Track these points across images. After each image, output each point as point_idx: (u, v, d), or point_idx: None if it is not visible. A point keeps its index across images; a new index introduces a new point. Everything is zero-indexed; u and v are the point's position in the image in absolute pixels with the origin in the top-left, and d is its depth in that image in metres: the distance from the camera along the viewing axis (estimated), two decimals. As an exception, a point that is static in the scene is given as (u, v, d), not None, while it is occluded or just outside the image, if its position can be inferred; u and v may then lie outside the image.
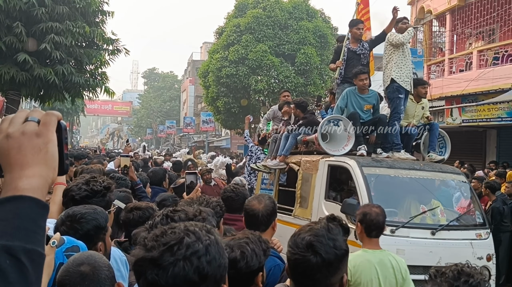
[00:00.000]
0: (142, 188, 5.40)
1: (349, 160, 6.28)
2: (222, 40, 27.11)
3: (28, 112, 1.06)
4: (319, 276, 1.85)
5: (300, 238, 1.90)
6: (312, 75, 25.99)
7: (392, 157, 6.83)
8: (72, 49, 13.83)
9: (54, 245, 1.60)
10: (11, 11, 12.54)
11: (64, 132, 1.09)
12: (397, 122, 7.01)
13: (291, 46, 25.95)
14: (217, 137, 48.11)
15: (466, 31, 18.23)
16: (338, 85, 7.75)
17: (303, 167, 7.05)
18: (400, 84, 7.05)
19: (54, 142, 1.05)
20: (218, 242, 1.30)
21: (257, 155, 9.52)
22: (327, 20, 29.40)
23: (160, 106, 69.47)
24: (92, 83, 14.94)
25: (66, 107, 36.73)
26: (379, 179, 6.09)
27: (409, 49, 7.48)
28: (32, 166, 1.01)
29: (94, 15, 14.97)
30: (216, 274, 1.26)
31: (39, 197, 0.99)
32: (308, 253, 1.85)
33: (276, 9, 26.36)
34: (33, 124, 1.04)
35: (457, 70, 17.72)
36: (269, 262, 2.97)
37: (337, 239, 1.89)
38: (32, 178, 1.00)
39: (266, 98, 26.94)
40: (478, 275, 1.90)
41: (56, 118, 1.08)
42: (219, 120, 30.81)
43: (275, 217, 3.29)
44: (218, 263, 1.26)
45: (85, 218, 2.35)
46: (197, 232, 1.28)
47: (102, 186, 2.89)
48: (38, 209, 0.98)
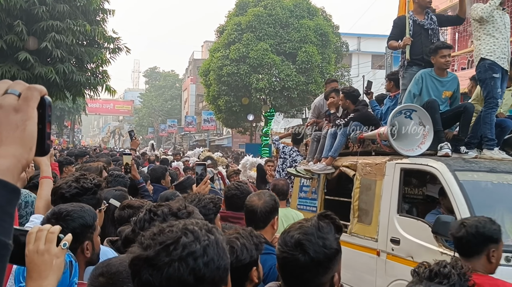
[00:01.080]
0: (145, 186, 5.35)
1: (434, 162, 4.86)
2: (223, 39, 27.09)
3: (10, 84, 0.97)
4: (307, 275, 1.81)
5: (289, 236, 1.86)
6: (313, 74, 25.96)
7: (482, 157, 5.33)
8: (73, 47, 13.80)
9: (65, 247, 1.57)
10: (12, 9, 12.51)
11: (48, 109, 1.01)
12: (493, 111, 5.48)
13: (292, 44, 25.92)
14: (218, 136, 48.14)
15: (468, 29, 18.17)
16: (405, 68, 6.05)
17: (361, 172, 5.62)
18: (494, 61, 5.54)
19: (34, 120, 0.95)
20: (218, 242, 1.24)
21: (293, 157, 8.23)
22: (328, 19, 29.38)
23: (161, 105, 69.51)
24: (93, 82, 14.93)
25: (67, 106, 36.75)
26: (478, 187, 4.72)
27: (506, 19, 5.73)
28: (5, 144, 0.91)
29: (95, 14, 14.96)
30: (214, 276, 1.21)
31: (8, 179, 0.88)
32: (297, 252, 1.80)
33: (277, 7, 26.33)
34: (13, 97, 0.94)
35: (458, 68, 17.68)
36: (270, 260, 2.95)
37: (327, 238, 1.84)
38: (3, 157, 0.89)
39: (267, 97, 26.93)
40: (455, 277, 1.85)
41: (39, 93, 0.98)
42: (220, 119, 30.83)
43: (276, 215, 3.24)
44: (216, 264, 1.21)
45: (71, 215, 2.28)
46: (195, 231, 1.23)
47: (93, 183, 2.83)
48: (6, 193, 0.87)
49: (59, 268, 1.54)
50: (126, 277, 1.68)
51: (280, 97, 26.58)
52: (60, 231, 1.58)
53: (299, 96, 26.38)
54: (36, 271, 1.48)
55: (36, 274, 1.47)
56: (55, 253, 1.51)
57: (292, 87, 25.59)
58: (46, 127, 1.00)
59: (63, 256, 1.58)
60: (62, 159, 6.80)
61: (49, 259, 1.48)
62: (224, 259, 1.24)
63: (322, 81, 26.27)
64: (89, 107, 46.55)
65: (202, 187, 3.72)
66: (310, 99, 27.49)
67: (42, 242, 1.50)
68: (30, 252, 1.49)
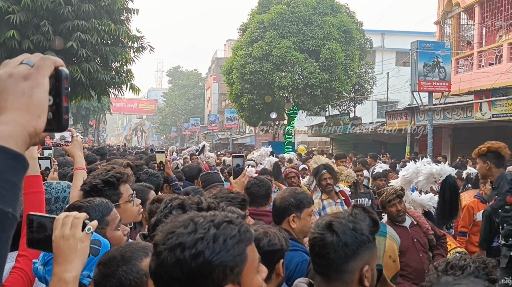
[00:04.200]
0: (177, 184, 5.45)
1: None
2: (246, 37, 27.06)
3: (27, 55, 0.96)
4: (333, 256, 1.79)
5: (322, 219, 1.90)
6: (337, 71, 25.73)
7: None
8: (97, 47, 13.95)
9: (89, 231, 1.62)
10: (38, 9, 12.71)
11: (65, 82, 0.96)
12: None
13: (316, 41, 25.73)
14: (241, 134, 48.17)
15: (496, 23, 17.79)
16: None
17: None
18: None
19: (44, 88, 0.92)
20: (217, 237, 1.17)
21: None
22: (352, 15, 29.12)
23: (184, 104, 69.98)
24: (118, 81, 15.07)
25: (92, 106, 37.26)
26: None
27: None
28: (10, 110, 0.88)
29: (119, 13, 15.08)
30: (206, 272, 1.15)
31: (11, 145, 0.84)
32: (326, 232, 1.82)
33: (300, 5, 26.19)
34: (25, 67, 0.92)
35: (486, 64, 17.33)
36: (297, 256, 2.92)
37: (359, 222, 1.83)
38: (5, 124, 0.86)
39: (290, 95, 26.80)
40: (470, 269, 1.79)
41: (53, 63, 0.95)
42: (243, 117, 30.82)
43: (293, 212, 3.19)
44: (207, 259, 1.14)
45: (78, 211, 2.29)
46: (198, 223, 1.20)
47: (116, 177, 2.83)
48: (6, 159, 0.82)
49: (83, 252, 1.58)
50: (120, 260, 1.73)
51: (303, 95, 26.43)
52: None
53: (323, 94, 26.18)
54: (62, 255, 1.54)
55: (62, 258, 1.53)
56: (80, 237, 1.56)
57: (316, 84, 25.41)
58: (63, 101, 0.96)
59: (88, 240, 1.62)
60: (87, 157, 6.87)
61: (74, 243, 1.54)
62: (221, 256, 1.16)
63: (345, 78, 26.09)
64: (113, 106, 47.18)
65: (242, 180, 3.67)
66: (334, 97, 27.32)
67: (68, 227, 1.56)
68: (56, 237, 1.56)
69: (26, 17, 12.51)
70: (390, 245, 2.63)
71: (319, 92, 25.83)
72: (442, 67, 16.18)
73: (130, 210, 2.88)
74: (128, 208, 2.87)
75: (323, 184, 5.81)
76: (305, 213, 3.23)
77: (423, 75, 15.98)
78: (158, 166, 5.40)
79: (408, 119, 19.18)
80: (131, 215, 2.88)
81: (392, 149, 21.25)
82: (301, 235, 3.22)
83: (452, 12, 20.05)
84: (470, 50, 18.80)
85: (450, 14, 20.15)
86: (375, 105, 35.72)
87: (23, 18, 12.42)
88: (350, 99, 29.67)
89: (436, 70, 16.11)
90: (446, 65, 16.30)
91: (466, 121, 16.12)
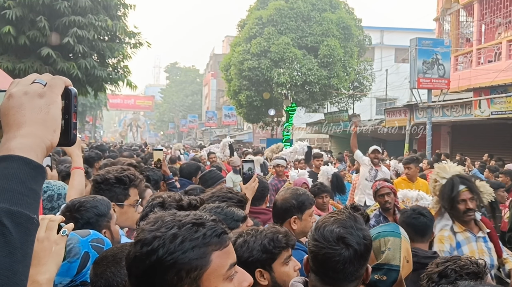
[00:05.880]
0: (173, 182, 5.41)
1: None
2: (244, 33, 26.95)
3: (38, 75, 1.03)
4: (351, 269, 1.76)
5: (328, 231, 1.79)
6: (335, 68, 25.64)
7: None
8: (94, 43, 13.87)
9: (64, 234, 1.63)
10: (35, 5, 12.61)
11: (74, 100, 1.04)
12: None
13: (314, 38, 25.63)
14: (239, 131, 48.11)
15: (495, 21, 17.73)
16: None
17: None
18: None
19: (57, 105, 1.00)
20: (175, 237, 1.15)
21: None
22: (351, 12, 29.01)
23: (182, 100, 69.89)
24: (115, 77, 15.01)
25: (89, 102, 37.15)
26: None
27: None
28: (29, 125, 0.95)
29: (116, 9, 15.01)
30: (156, 271, 1.14)
31: (31, 157, 0.92)
32: (339, 246, 1.75)
33: (298, 1, 26.08)
34: (39, 86, 1.00)
35: (485, 61, 17.28)
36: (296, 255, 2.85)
37: (364, 229, 1.83)
38: (26, 137, 0.93)
39: (289, 91, 26.72)
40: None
41: (63, 83, 1.03)
42: (241, 114, 30.72)
43: (295, 214, 3.14)
44: (160, 258, 1.13)
45: (84, 206, 2.31)
46: (165, 221, 1.20)
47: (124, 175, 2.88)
48: (29, 170, 0.90)
49: (58, 255, 1.57)
50: (110, 261, 1.75)
51: (301, 92, 26.34)
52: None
53: (321, 90, 26.10)
54: (35, 257, 1.50)
55: (35, 260, 1.50)
56: (54, 240, 1.55)
57: (314, 81, 25.32)
58: (72, 117, 1.04)
59: (63, 243, 1.62)
60: (94, 154, 6.77)
61: (48, 245, 1.53)
62: (175, 256, 1.14)
63: (344, 75, 25.99)
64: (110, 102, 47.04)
65: (252, 185, 3.60)
66: (332, 94, 27.24)
67: (42, 230, 1.54)
68: None
69: (22, 12, 12.42)
70: (405, 246, 2.61)
71: (317, 89, 25.74)
72: (441, 64, 16.12)
73: (131, 215, 2.87)
74: (130, 212, 2.87)
75: (460, 208, 3.76)
76: (306, 214, 3.19)
77: (422, 72, 15.93)
78: (155, 163, 5.35)
79: (407, 116, 19.14)
80: (130, 219, 2.86)
81: (391, 146, 21.21)
82: (301, 235, 3.18)
83: (451, 9, 19.98)
84: (469, 48, 18.75)
85: (449, 11, 20.08)
86: (374, 103, 35.69)
87: (19, 13, 12.33)
88: (348, 96, 29.61)
89: (435, 67, 16.05)
90: (445, 62, 16.25)
91: (465, 119, 16.10)
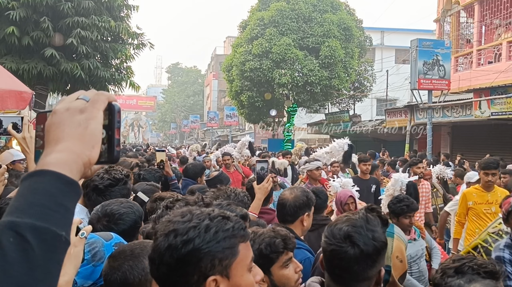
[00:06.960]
0: (176, 183, 5.39)
1: None
2: (246, 34, 27.03)
3: (82, 92, 1.02)
4: (356, 268, 1.76)
5: (337, 228, 1.81)
6: (336, 69, 25.73)
7: None
8: (97, 43, 13.94)
9: (83, 236, 1.64)
10: (38, 6, 12.69)
11: (117, 115, 1.00)
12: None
13: (315, 39, 25.72)
14: (240, 131, 48.16)
15: (495, 22, 17.79)
16: None
17: None
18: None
19: (98, 120, 0.97)
20: (210, 228, 1.23)
21: None
22: (352, 13, 29.08)
23: (183, 101, 69.93)
24: (118, 78, 15.06)
25: (92, 102, 37.26)
26: None
27: None
28: (66, 140, 0.93)
29: (119, 10, 15.07)
30: (194, 259, 1.20)
31: (65, 172, 0.88)
32: (346, 244, 1.76)
33: (300, 2, 26.16)
34: (82, 102, 0.98)
35: (485, 62, 17.34)
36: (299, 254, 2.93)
37: (376, 230, 1.81)
38: (61, 152, 0.91)
39: (290, 92, 26.79)
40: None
41: (107, 99, 1.00)
42: (243, 115, 30.81)
43: (306, 211, 3.21)
44: (196, 246, 1.20)
45: (123, 219, 2.34)
46: (196, 214, 1.27)
47: (123, 174, 2.91)
48: (61, 185, 0.86)
49: (76, 257, 1.58)
50: (128, 255, 1.77)
51: (303, 93, 26.43)
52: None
53: (322, 91, 26.18)
54: None
55: None
56: (73, 242, 1.53)
57: (315, 82, 25.40)
58: (115, 134, 1.00)
59: (81, 245, 1.64)
60: None
61: None
62: (210, 245, 1.21)
63: (345, 76, 26.07)
64: (113, 103, 46.96)
65: (266, 186, 3.61)
66: (333, 95, 27.31)
67: None
68: None
69: (25, 13, 12.49)
70: (397, 245, 2.59)
71: (318, 89, 25.82)
72: (442, 65, 16.19)
73: None
74: None
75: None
76: (312, 210, 3.30)
77: (423, 73, 16.00)
78: (158, 164, 5.32)
79: (407, 117, 19.20)
80: None
81: (391, 146, 21.27)
82: (307, 231, 3.31)
83: (451, 10, 20.04)
84: (469, 49, 18.81)
85: (450, 12, 20.14)
86: (374, 103, 35.73)
87: (23, 14, 12.41)
88: (349, 97, 29.68)
89: (435, 68, 16.13)
90: (446, 63, 16.32)
91: (465, 120, 16.14)
